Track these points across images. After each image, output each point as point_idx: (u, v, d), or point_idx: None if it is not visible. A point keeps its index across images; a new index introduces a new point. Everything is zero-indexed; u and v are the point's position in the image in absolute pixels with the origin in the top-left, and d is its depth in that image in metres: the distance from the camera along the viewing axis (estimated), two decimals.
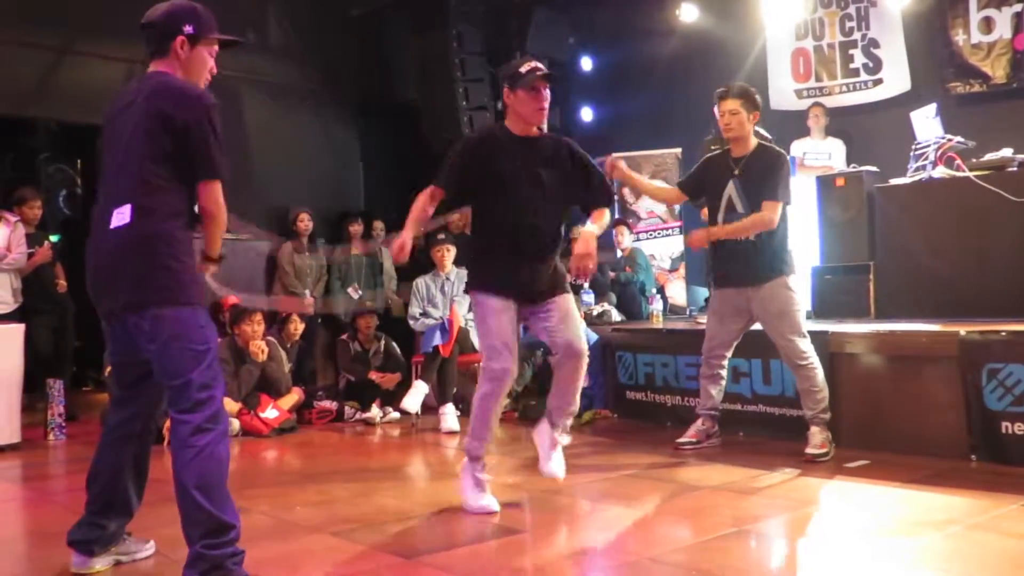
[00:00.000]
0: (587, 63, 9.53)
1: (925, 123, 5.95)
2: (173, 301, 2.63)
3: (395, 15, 9.10)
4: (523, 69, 3.61)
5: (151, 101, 2.66)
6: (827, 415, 4.50)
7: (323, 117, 9.12)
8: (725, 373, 4.85)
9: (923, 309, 5.36)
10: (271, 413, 5.93)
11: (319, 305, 7.68)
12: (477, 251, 3.81)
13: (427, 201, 3.74)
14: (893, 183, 5.98)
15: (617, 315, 7.09)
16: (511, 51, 8.78)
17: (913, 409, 4.53)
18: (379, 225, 8.44)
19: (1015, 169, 5.40)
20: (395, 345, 6.90)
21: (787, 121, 7.58)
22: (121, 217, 2.63)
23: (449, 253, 6.71)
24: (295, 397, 6.25)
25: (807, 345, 4.52)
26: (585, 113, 9.64)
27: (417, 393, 6.05)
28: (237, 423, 5.77)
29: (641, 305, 7.43)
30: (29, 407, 6.13)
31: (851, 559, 2.90)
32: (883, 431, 4.61)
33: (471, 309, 4.25)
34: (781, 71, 7.96)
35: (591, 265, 3.63)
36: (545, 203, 3.65)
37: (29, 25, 7.25)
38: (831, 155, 7.13)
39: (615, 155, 5.06)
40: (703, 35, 8.23)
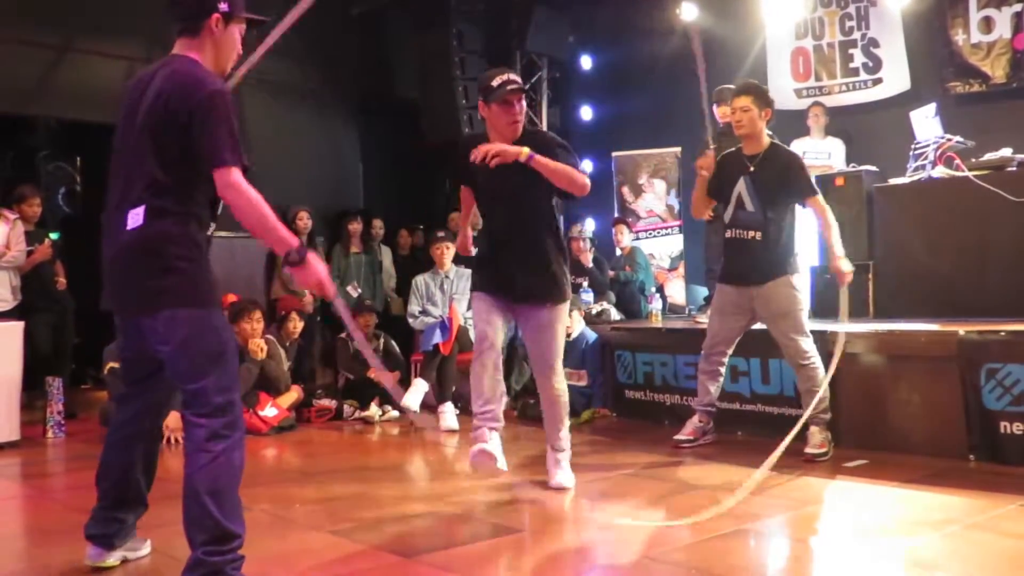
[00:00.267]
0: (587, 62, 9.54)
1: (925, 123, 5.96)
2: (187, 303, 2.56)
3: (395, 14, 9.10)
4: (495, 83, 3.65)
5: (158, 99, 2.59)
6: (827, 415, 4.51)
7: (323, 115, 9.11)
8: (724, 371, 4.86)
9: (922, 309, 5.36)
10: (270, 411, 5.93)
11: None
12: (476, 255, 3.98)
13: (467, 196, 4.03)
14: (892, 183, 5.98)
15: (616, 314, 7.09)
16: (511, 50, 8.79)
17: (912, 409, 4.54)
18: (378, 224, 8.44)
19: (1014, 169, 5.41)
20: (394, 343, 6.90)
21: (787, 120, 7.55)
22: (135, 218, 2.57)
23: (448, 251, 6.70)
24: (294, 395, 6.25)
25: (810, 345, 4.51)
26: (585, 112, 9.65)
27: (416, 392, 6.05)
28: None
29: (640, 304, 7.43)
30: (28, 405, 6.12)
31: (850, 559, 2.90)
32: (882, 431, 4.61)
33: (470, 307, 4.28)
34: (781, 70, 7.96)
35: (487, 149, 3.55)
36: (521, 209, 3.72)
37: (29, 23, 7.24)
38: (831, 155, 7.12)
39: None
40: (703, 34, 8.21)
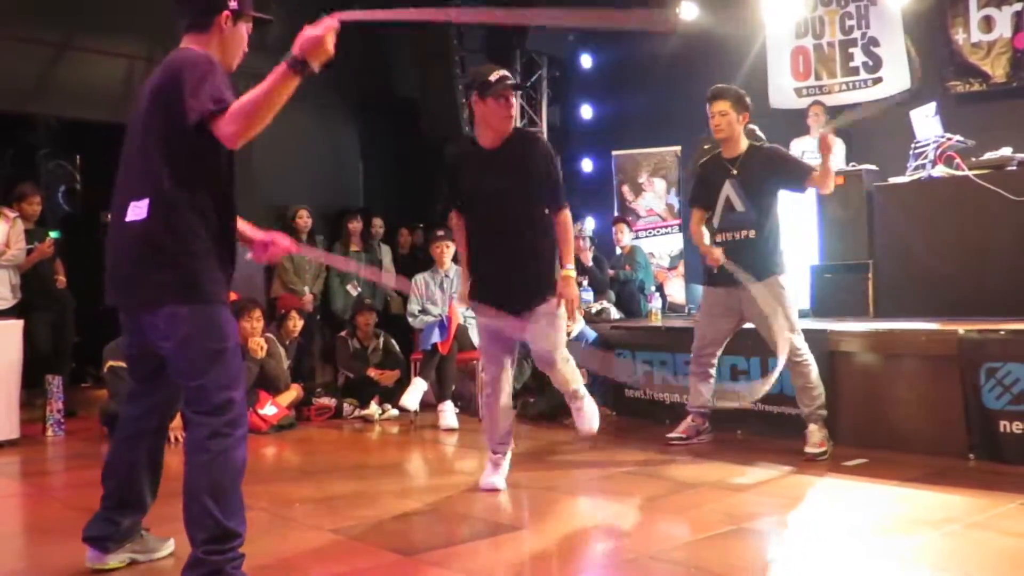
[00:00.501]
0: (587, 61, 9.53)
1: (925, 122, 5.96)
2: (189, 299, 2.52)
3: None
4: (493, 78, 3.68)
5: (155, 88, 2.58)
6: (824, 412, 4.51)
7: (323, 114, 9.10)
8: (714, 372, 4.89)
9: (922, 308, 5.36)
10: (270, 410, 5.93)
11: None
12: (473, 271, 3.98)
13: (457, 224, 4.02)
14: (892, 182, 5.98)
15: (616, 313, 7.09)
16: (511, 49, 8.77)
17: (911, 408, 4.54)
18: (378, 222, 8.43)
19: (1014, 168, 5.41)
20: (394, 342, 6.90)
21: (786, 119, 7.58)
22: (138, 211, 2.55)
23: (448, 250, 6.70)
24: (294, 394, 6.25)
25: (801, 342, 4.53)
26: (585, 111, 9.64)
27: (416, 390, 6.05)
28: None
29: (640, 303, 7.44)
30: (28, 403, 6.12)
31: (849, 557, 2.90)
32: (881, 430, 4.61)
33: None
34: (781, 69, 7.96)
35: (577, 304, 3.86)
36: (514, 212, 3.75)
37: (29, 21, 7.23)
38: None
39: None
40: (703, 33, 8.22)
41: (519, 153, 3.75)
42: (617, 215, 8.54)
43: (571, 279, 3.77)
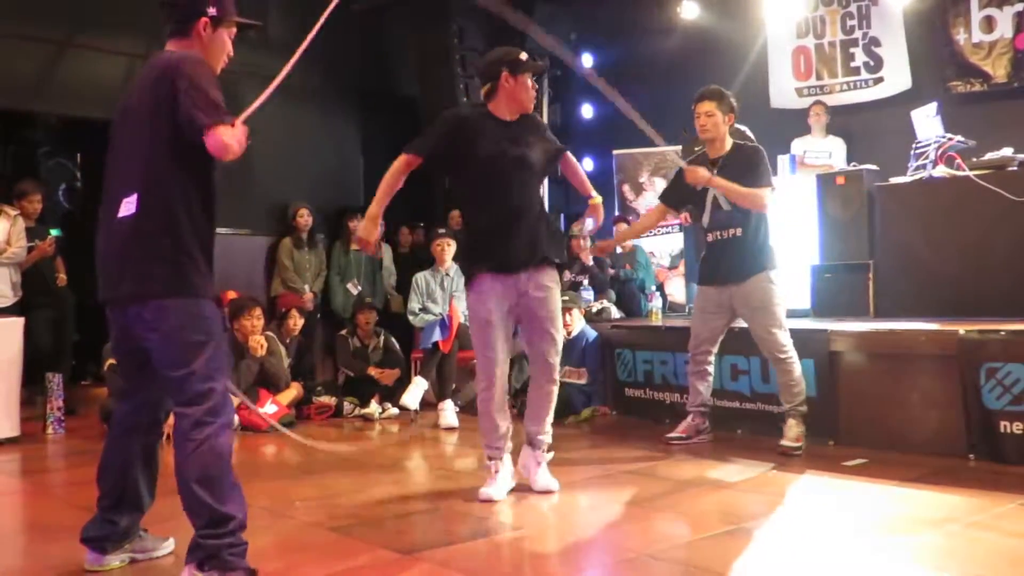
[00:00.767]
0: (588, 60, 9.52)
1: (926, 122, 5.95)
2: (176, 292, 2.60)
3: (396, 11, 9.08)
4: (523, 56, 3.81)
5: (143, 87, 2.63)
6: (804, 408, 4.56)
7: (324, 112, 9.10)
8: (712, 369, 4.90)
9: (922, 308, 5.36)
10: (270, 408, 5.94)
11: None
12: (469, 238, 3.95)
13: (402, 171, 3.75)
14: (893, 182, 5.97)
15: (616, 312, 7.09)
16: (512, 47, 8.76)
17: (911, 408, 4.54)
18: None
19: (1015, 168, 5.40)
20: (394, 341, 6.90)
21: (787, 119, 7.58)
22: (128, 206, 2.60)
23: (449, 248, 6.70)
24: (294, 392, 6.25)
25: (786, 339, 4.56)
26: (586, 110, 9.64)
27: (416, 389, 6.05)
28: (237, 418, 5.76)
29: (640, 302, 7.43)
30: (28, 401, 6.13)
31: (849, 557, 2.90)
32: (881, 429, 4.61)
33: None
34: (782, 69, 7.96)
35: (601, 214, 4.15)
36: (530, 183, 3.81)
37: (29, 19, 7.23)
38: (831, 154, 7.12)
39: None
40: (704, 33, 8.22)
41: (533, 126, 3.89)
42: (618, 214, 8.54)
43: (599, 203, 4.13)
